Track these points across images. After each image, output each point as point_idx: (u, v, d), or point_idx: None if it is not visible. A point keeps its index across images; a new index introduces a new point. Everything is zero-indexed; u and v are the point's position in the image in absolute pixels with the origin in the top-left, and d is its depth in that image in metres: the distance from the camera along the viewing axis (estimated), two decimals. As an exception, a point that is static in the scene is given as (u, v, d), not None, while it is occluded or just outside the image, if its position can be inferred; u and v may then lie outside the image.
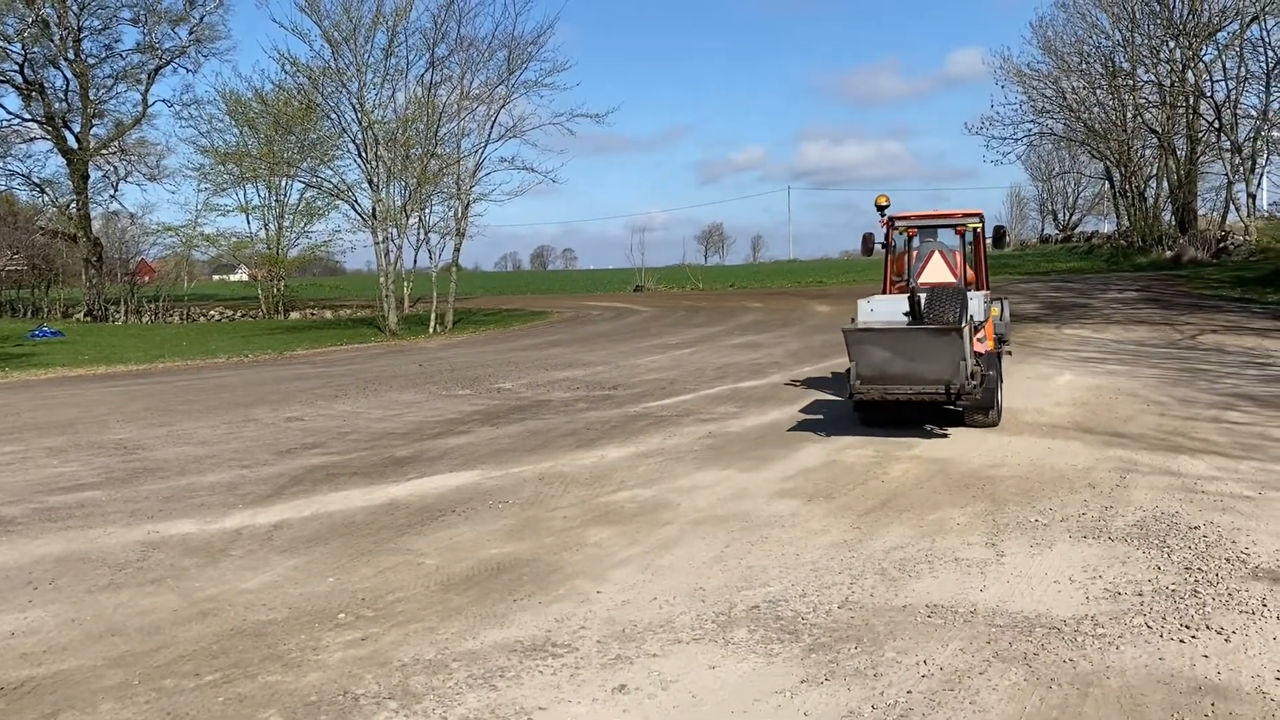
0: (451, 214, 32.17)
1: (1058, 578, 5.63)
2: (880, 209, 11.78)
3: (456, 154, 31.23)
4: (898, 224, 11.78)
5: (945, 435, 9.76)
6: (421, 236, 32.35)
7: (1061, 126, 45.28)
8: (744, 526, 6.85)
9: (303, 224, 45.32)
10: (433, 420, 12.09)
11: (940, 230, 11.79)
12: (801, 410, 11.75)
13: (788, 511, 7.19)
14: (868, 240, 12.06)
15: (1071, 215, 75.96)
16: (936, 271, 11.56)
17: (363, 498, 8.12)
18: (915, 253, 11.66)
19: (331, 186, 33.45)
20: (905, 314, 10.45)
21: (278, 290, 44.91)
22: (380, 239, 30.52)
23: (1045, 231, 76.89)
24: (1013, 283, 34.33)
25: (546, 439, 10.48)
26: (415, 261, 40.34)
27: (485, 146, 31.31)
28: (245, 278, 71.86)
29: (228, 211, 45.19)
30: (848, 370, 9.65)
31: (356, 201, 32.18)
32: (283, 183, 42.68)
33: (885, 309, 10.73)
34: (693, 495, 7.79)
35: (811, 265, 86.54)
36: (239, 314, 45.03)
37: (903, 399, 9.55)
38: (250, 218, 45.35)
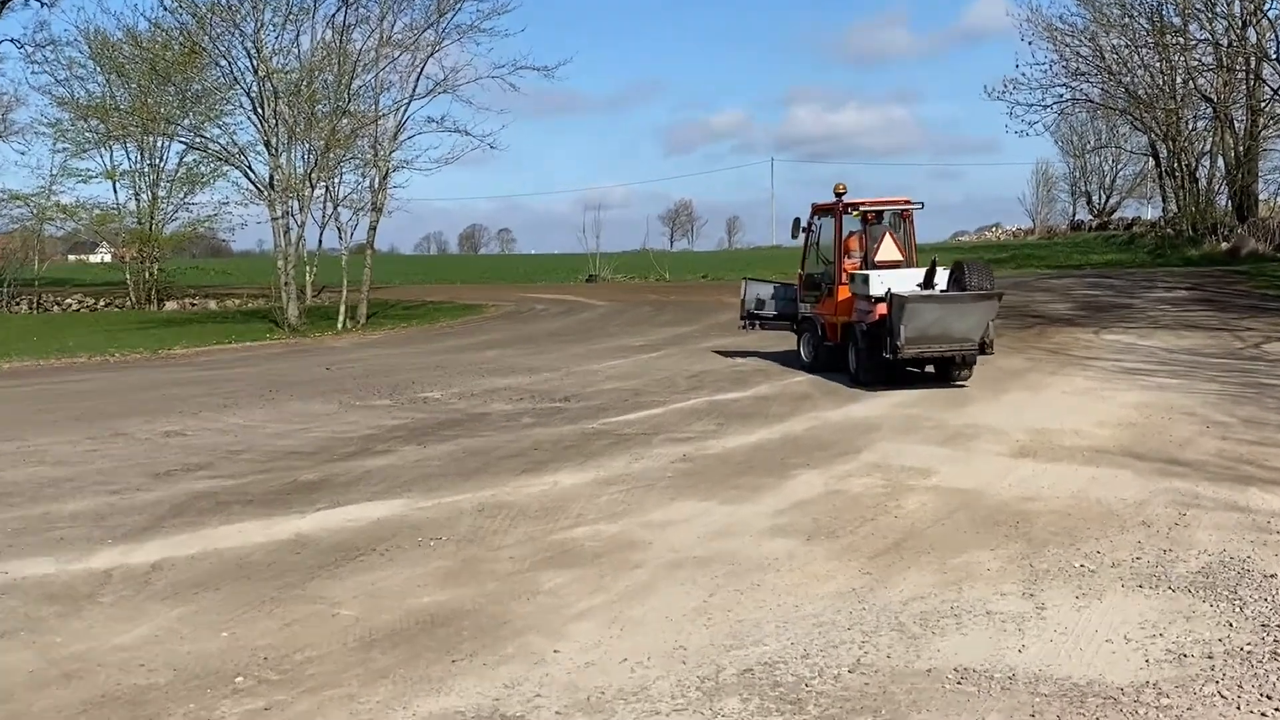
0: (366, 184, 32.00)
1: (1110, 636, 5.66)
2: (839, 196, 15.81)
3: (374, 112, 31.09)
4: (860, 208, 15.64)
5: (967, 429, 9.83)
6: (329, 211, 32.14)
7: (1098, 92, 45.94)
8: (731, 571, 6.84)
9: (183, 194, 44.80)
10: (345, 436, 11.97)
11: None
12: (795, 428, 11.79)
13: (783, 552, 7.19)
14: (797, 224, 16.95)
15: (1108, 198, 77.15)
16: (888, 250, 15.51)
17: (262, 532, 8.01)
18: (868, 234, 15.54)
19: (219, 149, 33.13)
20: (919, 284, 14.55)
21: (150, 275, 44.33)
22: (279, 214, 30.27)
23: (1077, 217, 77.99)
24: (1040, 278, 34.77)
25: (486, 461, 10.41)
26: (320, 242, 39.86)
27: (409, 103, 31.22)
28: (110, 259, 70.76)
29: (90, 177, 43.94)
30: (880, 337, 14.11)
31: (250, 168, 31.90)
32: (159, 143, 42.13)
33: (896, 281, 14.43)
34: (667, 532, 7.78)
35: (798, 252, 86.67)
36: (102, 303, 44.44)
37: (936, 356, 14.11)
38: (118, 185, 44.74)
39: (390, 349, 23.53)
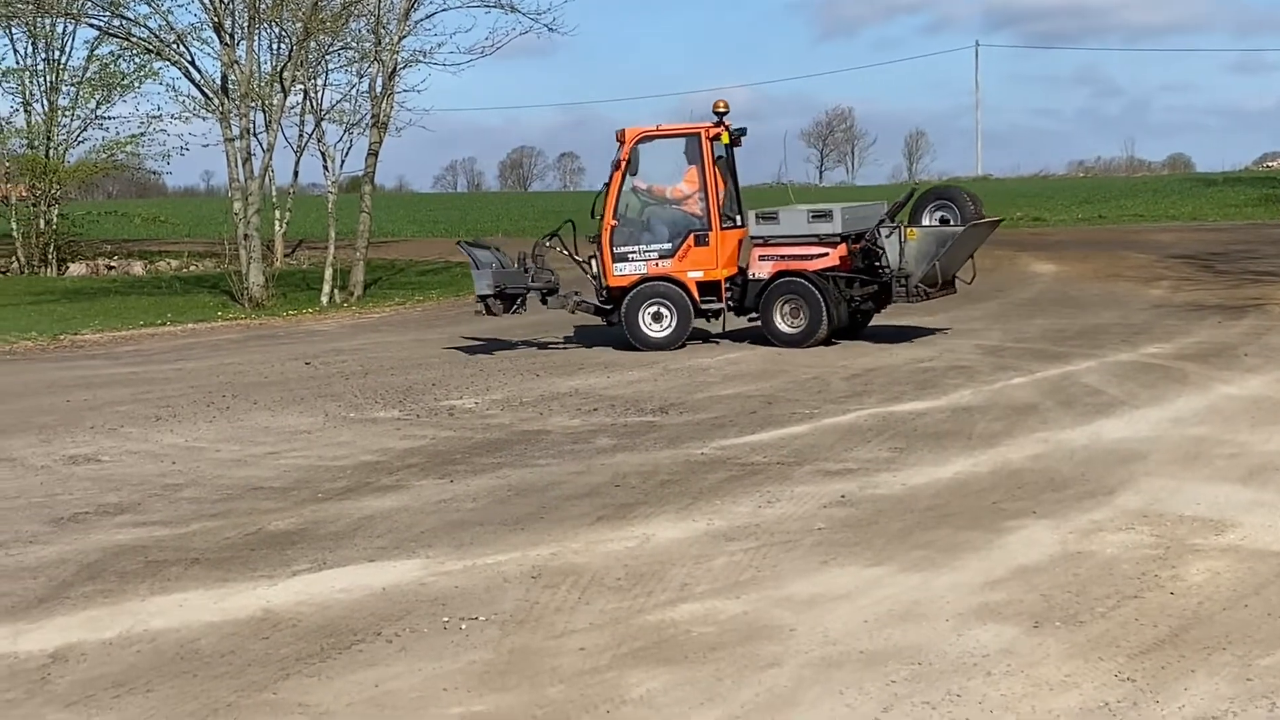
0: (364, 88, 32.30)
1: None
2: (720, 115, 19.91)
3: (376, -21, 31.29)
4: (735, 134, 20.10)
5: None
6: (309, 129, 32.50)
7: None
8: (916, 673, 6.77)
9: (94, 104, 45.60)
10: (334, 465, 12.11)
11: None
12: (1014, 455, 11.67)
13: (996, 646, 7.10)
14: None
15: None
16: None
17: (213, 606, 8.09)
18: (726, 166, 20.07)
19: (147, 36, 33.56)
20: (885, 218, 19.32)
21: (48, 223, 45.23)
22: (235, 133, 30.66)
23: None
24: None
25: (542, 503, 10.44)
26: (296, 175, 40.28)
27: (429, -35, 31.37)
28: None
29: (-43, 79, 45.09)
30: (847, 282, 18.94)
31: (193, 64, 32.32)
32: (60, 28, 42.90)
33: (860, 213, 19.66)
34: (817, 613, 7.72)
35: (1020, 186, 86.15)
36: (-23, 266, 45.35)
37: (939, 295, 19.17)
38: (0, 90, 45.69)
39: (399, 334, 23.71)
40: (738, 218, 19.99)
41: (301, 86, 32.19)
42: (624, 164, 19.31)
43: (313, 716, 6.46)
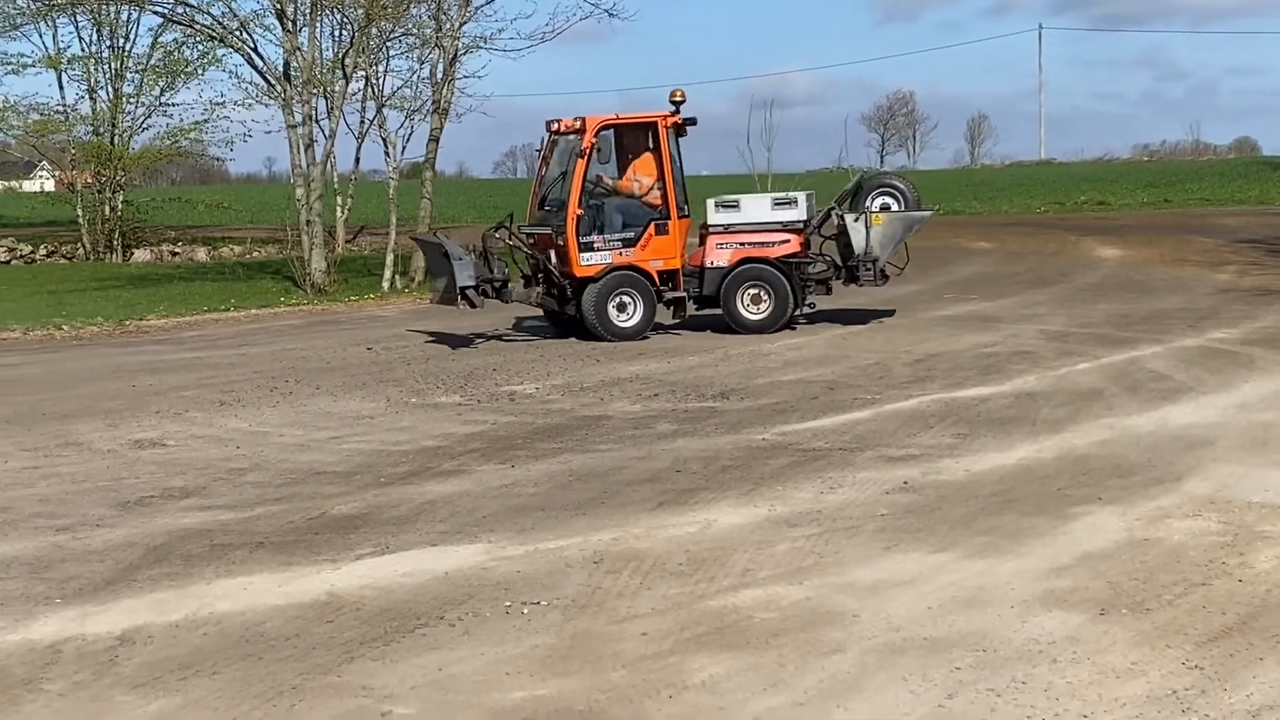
0: (424, 74, 32.33)
1: None
2: (677, 105, 19.95)
3: (436, -36, 31.33)
4: (683, 125, 20.15)
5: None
6: (371, 116, 32.51)
7: None
8: (980, 660, 6.74)
9: (158, 91, 45.89)
10: (397, 450, 12.17)
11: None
12: (1079, 441, 11.62)
13: (1062, 633, 7.06)
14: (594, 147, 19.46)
15: None
16: None
17: (277, 589, 8.15)
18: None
19: (211, 23, 33.68)
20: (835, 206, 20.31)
21: (113, 210, 45.55)
22: (297, 120, 30.75)
23: None
24: None
25: (604, 488, 10.47)
26: (358, 161, 40.35)
27: (489, -49, 31.41)
28: (52, 187, 72.85)
29: (23, 66, 45.21)
30: (797, 268, 19.64)
31: (256, 50, 32.45)
32: (124, 16, 43.16)
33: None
34: (880, 599, 7.70)
35: (1084, 170, 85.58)
36: (42, 252, 45.68)
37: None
38: (65, 77, 46.04)
39: (461, 320, 23.78)
40: (685, 207, 20.22)
41: (363, 73, 32.22)
42: (588, 152, 19.33)
43: (377, 699, 6.50)
